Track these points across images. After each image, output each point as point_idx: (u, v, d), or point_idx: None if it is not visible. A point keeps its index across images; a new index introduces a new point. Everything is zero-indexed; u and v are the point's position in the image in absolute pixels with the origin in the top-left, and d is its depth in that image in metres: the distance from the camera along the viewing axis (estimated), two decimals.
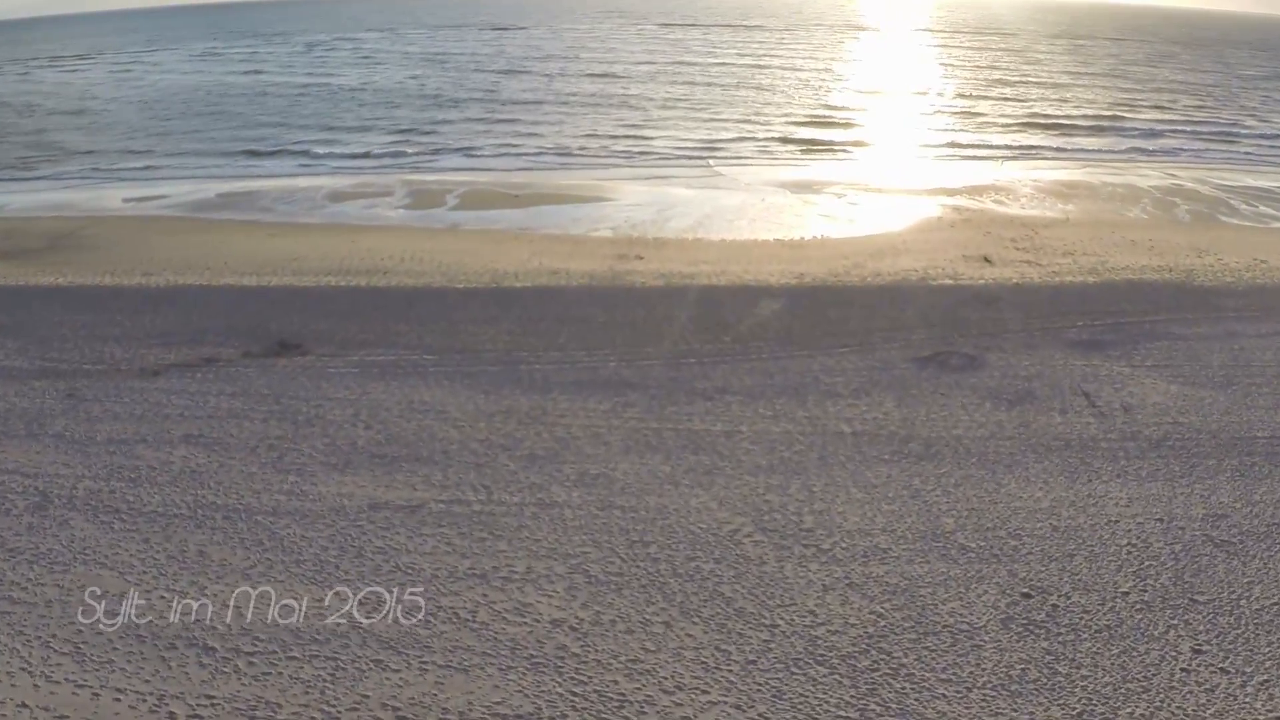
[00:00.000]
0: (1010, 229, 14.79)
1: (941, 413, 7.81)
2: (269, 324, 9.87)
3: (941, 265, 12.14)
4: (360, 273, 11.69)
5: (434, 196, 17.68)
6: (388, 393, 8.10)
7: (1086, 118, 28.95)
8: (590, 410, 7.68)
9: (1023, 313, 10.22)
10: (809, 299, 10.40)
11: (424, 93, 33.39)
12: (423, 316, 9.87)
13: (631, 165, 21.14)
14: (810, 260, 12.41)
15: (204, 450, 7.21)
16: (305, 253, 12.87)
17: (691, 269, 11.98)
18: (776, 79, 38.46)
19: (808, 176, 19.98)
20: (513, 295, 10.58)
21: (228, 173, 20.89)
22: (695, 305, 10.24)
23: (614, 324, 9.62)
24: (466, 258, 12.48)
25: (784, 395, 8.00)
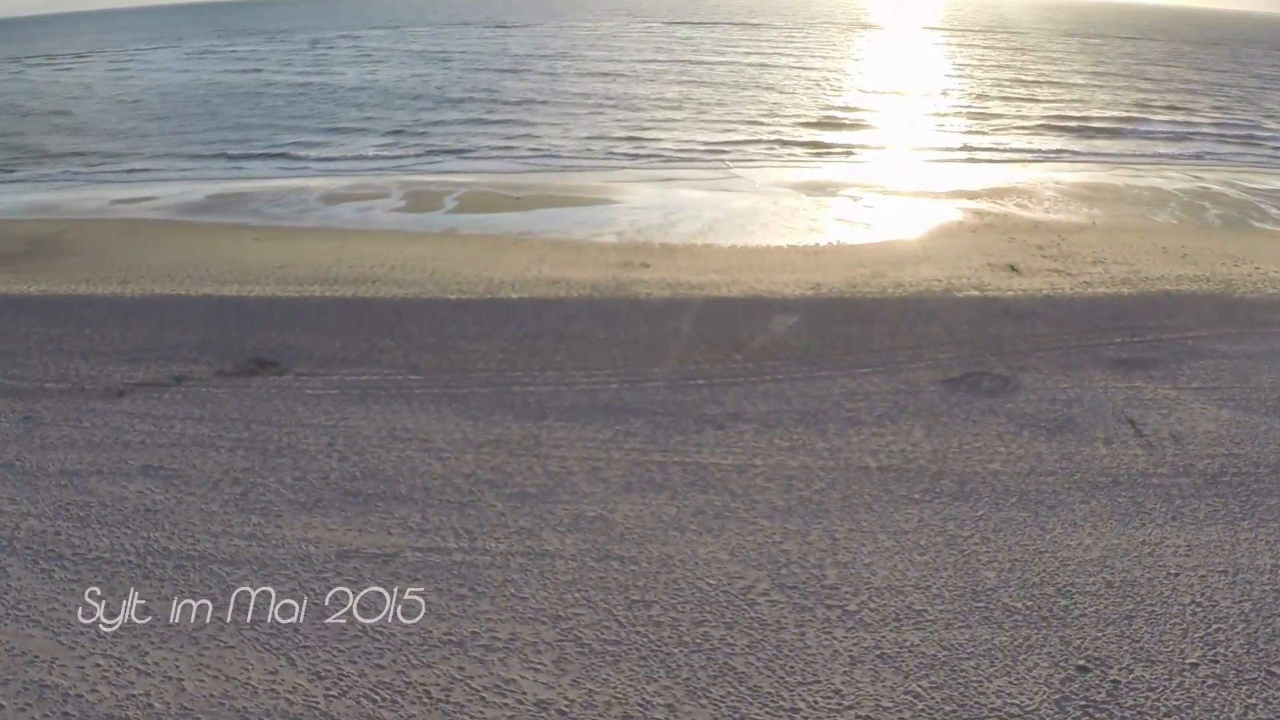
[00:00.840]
0: (1035, 235, 14.07)
1: (975, 443, 7.11)
2: (246, 339, 9.22)
3: (966, 275, 11.43)
4: (347, 282, 11.03)
5: (432, 199, 17.02)
6: (368, 418, 7.43)
7: (1105, 119, 28.17)
8: (588, 440, 7.00)
9: (1056, 328, 9.51)
10: (827, 312, 9.70)
11: (425, 91, 32.74)
12: (410, 331, 9.20)
13: (638, 166, 20.45)
14: (827, 269, 11.71)
15: (163, 484, 6.55)
16: (291, 259, 12.23)
17: (700, 278, 11.29)
18: (786, 78, 37.69)
19: (821, 178, 19.27)
20: (508, 308, 9.90)
21: (218, 174, 20.28)
22: (704, 319, 9.55)
23: (616, 340, 8.94)
24: (461, 265, 11.81)
25: (802, 423, 7.31)
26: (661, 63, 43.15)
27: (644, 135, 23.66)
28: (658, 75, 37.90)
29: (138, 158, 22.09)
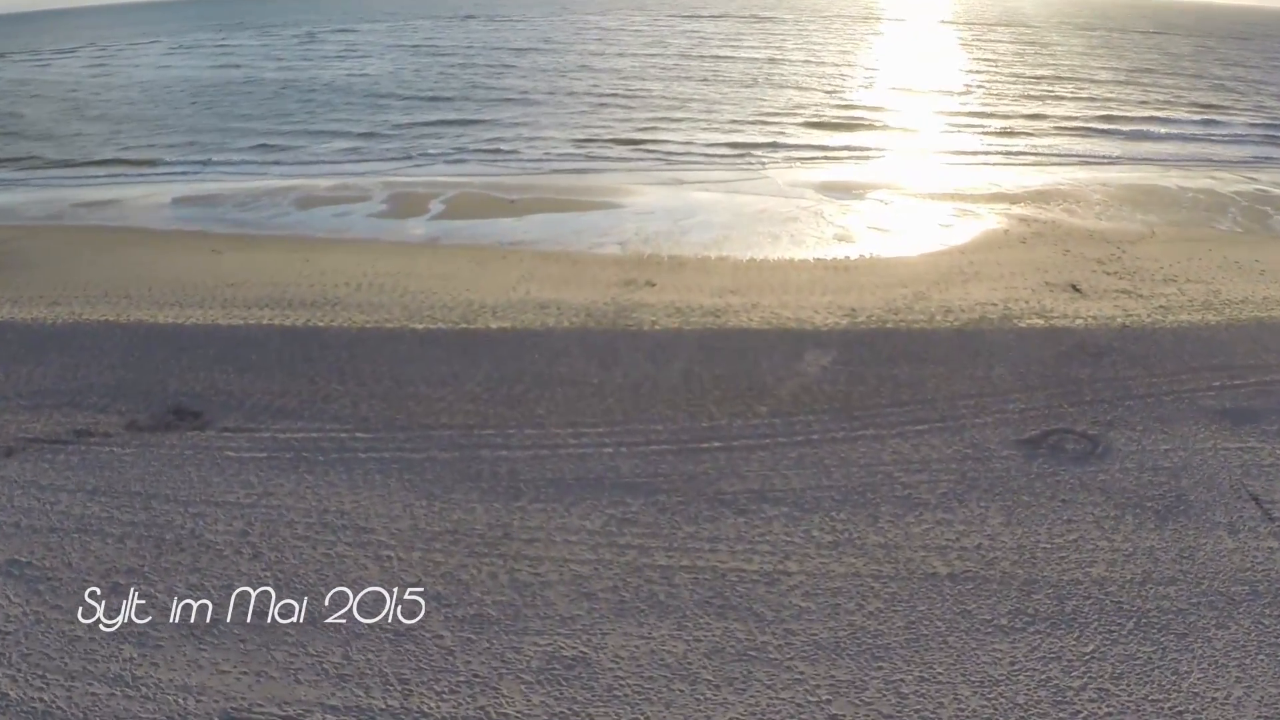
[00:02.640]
0: (1091, 246, 12.43)
1: (1069, 535, 5.54)
2: (170, 379, 7.71)
3: (1023, 296, 9.82)
4: (303, 305, 9.49)
5: (416, 202, 15.47)
6: (297, 494, 5.91)
7: (1141, 118, 26.34)
8: (572, 531, 5.46)
9: (1141, 368, 7.92)
10: (868, 348, 8.10)
11: (420, 87, 31.14)
12: (364, 372, 7.66)
13: (645, 167, 18.83)
14: (862, 288, 10.11)
15: (23, 590, 5.07)
16: (246, 275, 10.71)
17: (715, 301, 9.71)
18: (802, 73, 35.95)
19: (844, 179, 17.63)
20: (485, 341, 8.34)
21: (191, 175, 18.81)
22: (719, 357, 7.97)
23: (613, 386, 7.37)
24: (438, 284, 10.26)
25: (846, 504, 5.75)
26: (671, 58, 41.46)
27: (651, 134, 22.07)
28: (666, 71, 36.23)
29: (108, 156, 20.59)
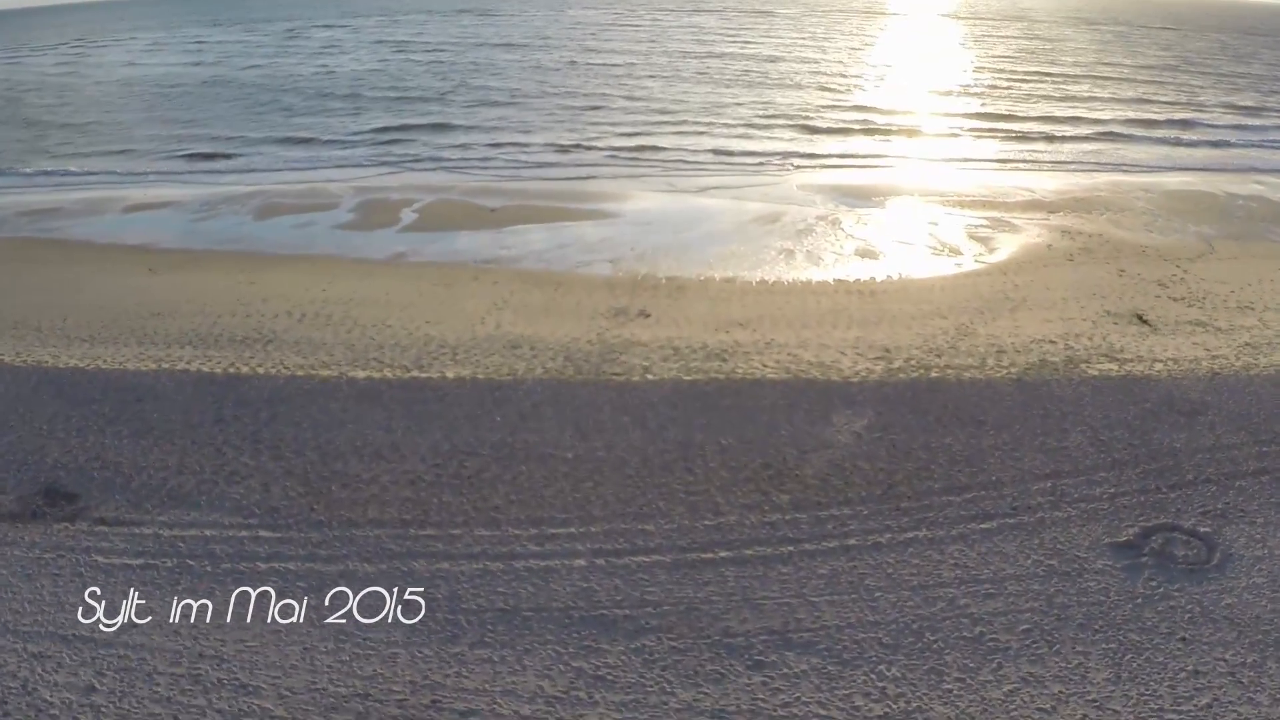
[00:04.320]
0: (1147, 265, 10.91)
1: (1199, 697, 4.07)
2: (51, 447, 6.22)
3: (1084, 330, 8.31)
4: (232, 342, 7.99)
5: (387, 211, 13.95)
6: (167, 630, 4.43)
7: (1173, 121, 24.55)
8: (524, 698, 3.97)
9: (1246, 433, 6.42)
10: (910, 407, 6.59)
11: (405, 84, 29.43)
12: (284, 441, 6.16)
13: (642, 173, 17.26)
14: (894, 320, 8.58)
15: None
16: (178, 302, 9.21)
17: (720, 339, 8.18)
18: (808, 71, 34.23)
19: (862, 183, 16.08)
20: (437, 397, 6.82)
21: (149, 178, 17.28)
22: (728, 420, 6.46)
23: (591, 463, 5.87)
24: (395, 314, 8.75)
25: (899, 651, 4.26)
26: (671, 54, 39.78)
27: (649, 137, 20.49)
28: (668, 67, 34.61)
29: (54, 157, 19.05)
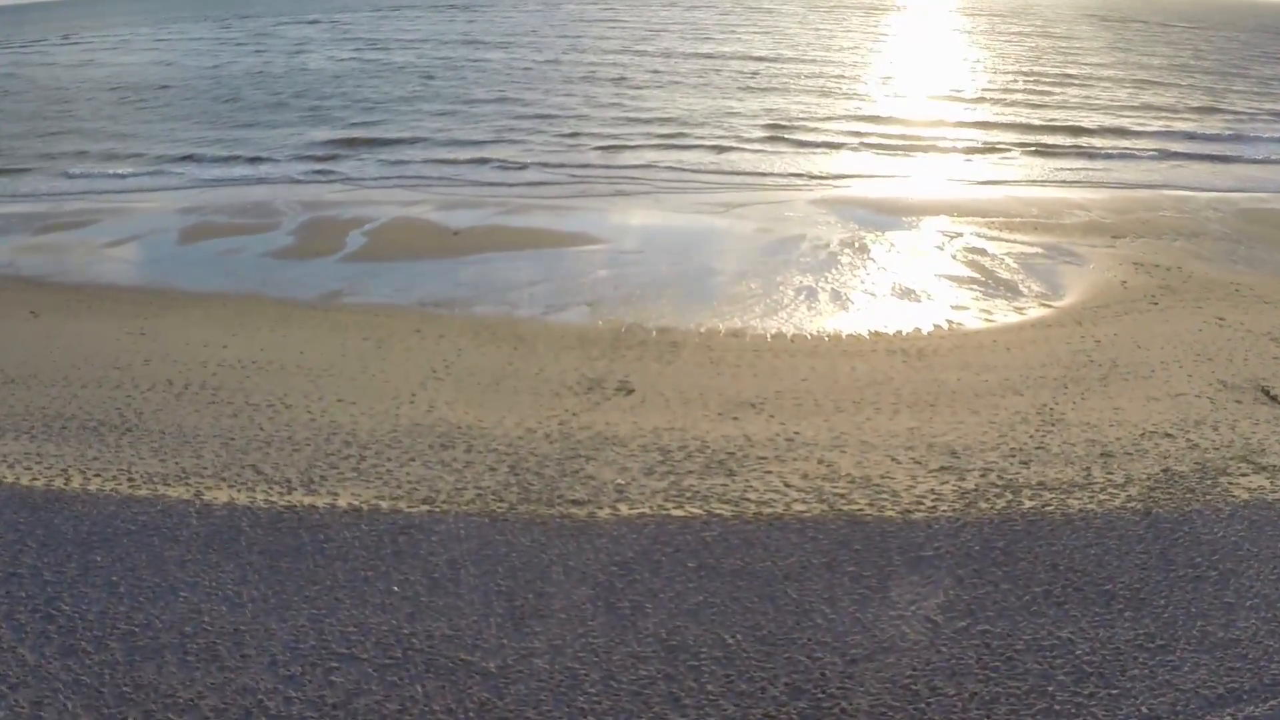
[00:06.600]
0: (1248, 310, 8.74)
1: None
2: None
3: (1204, 417, 6.14)
4: (80, 431, 5.81)
5: (334, 233, 11.79)
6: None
7: (1224, 134, 22.06)
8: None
9: None
10: (1001, 567, 4.40)
11: (374, 84, 27.02)
12: (84, 621, 3.97)
13: (633, 189, 15.03)
14: (956, 399, 6.42)
15: None
16: (40, 361, 7.06)
17: (726, 435, 6.00)
18: (815, 73, 31.73)
19: (886, 199, 13.91)
20: (316, 546, 4.62)
21: (62, 189, 15.14)
22: (737, 601, 4.25)
23: (526, 683, 3.67)
24: (300, 386, 6.60)
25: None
26: (670, 52, 37.46)
27: (643, 146, 18.30)
28: (666, 67, 32.32)
29: None
